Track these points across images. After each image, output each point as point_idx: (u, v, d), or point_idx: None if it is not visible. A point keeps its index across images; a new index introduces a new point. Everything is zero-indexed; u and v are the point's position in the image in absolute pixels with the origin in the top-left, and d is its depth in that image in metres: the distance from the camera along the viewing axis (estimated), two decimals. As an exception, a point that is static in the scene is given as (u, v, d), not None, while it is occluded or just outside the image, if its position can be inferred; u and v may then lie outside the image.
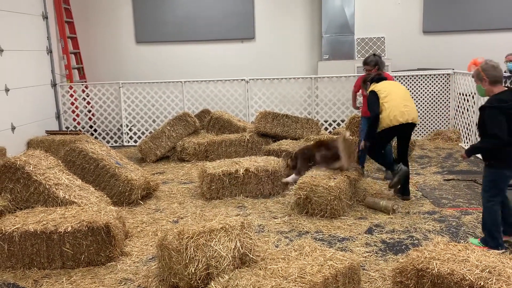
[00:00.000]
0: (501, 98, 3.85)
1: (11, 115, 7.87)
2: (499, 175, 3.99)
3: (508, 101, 3.82)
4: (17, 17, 8.15)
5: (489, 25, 9.94)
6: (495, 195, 4.03)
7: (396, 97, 5.29)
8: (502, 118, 3.80)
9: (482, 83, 3.98)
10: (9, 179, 4.90)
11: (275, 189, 5.88)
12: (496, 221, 4.04)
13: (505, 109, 3.80)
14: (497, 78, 3.90)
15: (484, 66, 3.96)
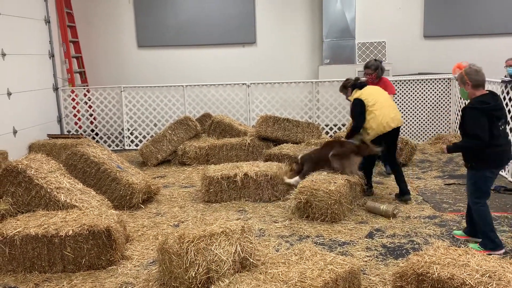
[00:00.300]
0: (483, 100, 3.95)
1: (13, 119, 7.90)
2: (480, 176, 4.06)
3: (490, 102, 3.92)
4: (19, 21, 8.20)
5: (490, 29, 9.96)
6: (480, 196, 4.11)
7: (384, 103, 5.47)
8: (483, 119, 3.88)
9: (465, 86, 4.08)
10: (11, 183, 4.92)
11: (274, 195, 5.84)
12: (487, 221, 4.11)
13: (487, 111, 3.89)
14: (479, 82, 4.01)
15: (468, 70, 4.06)
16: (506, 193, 5.78)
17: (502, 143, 4.01)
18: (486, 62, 9.26)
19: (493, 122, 3.92)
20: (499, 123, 3.96)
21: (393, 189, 6.12)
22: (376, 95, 5.53)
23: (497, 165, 4.09)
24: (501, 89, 6.69)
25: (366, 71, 6.29)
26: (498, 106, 3.95)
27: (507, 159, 4.17)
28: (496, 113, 3.93)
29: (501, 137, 3.99)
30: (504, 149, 4.05)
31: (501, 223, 4.86)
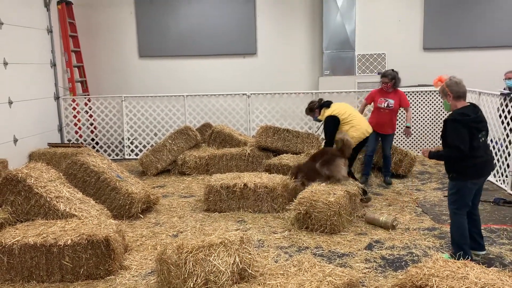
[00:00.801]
0: (464, 112, 4.01)
1: (13, 127, 7.92)
2: (461, 187, 4.09)
3: (471, 114, 3.98)
4: (22, 31, 8.27)
5: (489, 42, 10.02)
6: (460, 207, 4.13)
7: (356, 114, 5.95)
8: (464, 131, 3.94)
9: (447, 98, 4.16)
10: (10, 192, 4.92)
11: (273, 207, 5.79)
12: (463, 234, 4.13)
13: (467, 123, 3.95)
14: (459, 94, 4.09)
15: (448, 82, 4.15)
16: (506, 206, 5.78)
17: (482, 154, 4.04)
18: (485, 75, 9.45)
19: (473, 134, 3.97)
20: (479, 135, 4.01)
21: (392, 201, 6.13)
22: (345, 108, 5.98)
23: (478, 176, 4.10)
24: (500, 102, 6.72)
25: (382, 80, 6.66)
26: (478, 118, 4.00)
27: (488, 170, 4.21)
28: (477, 125, 3.98)
29: (481, 148, 4.03)
30: (485, 160, 4.08)
31: (500, 235, 4.85)
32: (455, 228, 4.17)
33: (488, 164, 4.16)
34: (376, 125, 6.64)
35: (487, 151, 4.13)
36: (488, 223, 5.22)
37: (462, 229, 4.13)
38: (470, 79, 8.76)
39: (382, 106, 6.71)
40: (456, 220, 4.16)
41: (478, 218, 4.34)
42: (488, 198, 6.02)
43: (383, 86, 6.73)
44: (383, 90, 6.78)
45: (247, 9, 10.32)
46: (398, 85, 6.75)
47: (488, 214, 5.53)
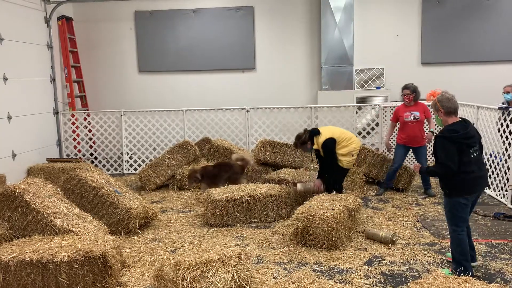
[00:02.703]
0: (453, 129, 4.02)
1: (12, 142, 7.92)
2: (455, 203, 4.09)
3: (460, 130, 3.99)
4: (22, 46, 8.32)
5: (486, 57, 10.09)
6: (457, 223, 4.11)
7: (346, 132, 6.03)
8: (452, 148, 3.95)
9: (438, 114, 4.18)
10: (7, 207, 4.90)
11: (279, 214, 5.95)
12: (463, 250, 4.10)
13: (456, 139, 3.96)
14: (451, 109, 4.11)
15: (440, 97, 4.16)
16: (506, 220, 5.75)
17: (474, 170, 4.02)
18: (483, 89, 9.50)
19: (463, 150, 3.96)
20: (471, 151, 4.00)
21: (392, 215, 6.09)
22: (334, 129, 6.07)
23: (470, 191, 4.07)
24: (498, 116, 6.74)
25: (404, 92, 6.83)
26: (468, 134, 3.99)
27: (481, 185, 4.18)
28: (466, 141, 3.97)
29: (473, 164, 4.01)
30: (476, 176, 4.05)
31: (501, 250, 4.81)
32: (455, 245, 4.15)
33: (482, 180, 4.14)
34: (407, 139, 6.82)
35: (481, 167, 4.11)
36: (489, 238, 5.18)
37: (462, 246, 4.11)
38: (468, 93, 8.87)
39: (409, 119, 6.83)
40: (455, 237, 4.14)
41: (469, 230, 4.33)
42: (488, 213, 5.99)
43: (405, 98, 6.89)
44: (405, 105, 6.94)
45: (246, 24, 10.42)
46: (418, 98, 6.92)
47: (489, 229, 5.50)
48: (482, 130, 7.13)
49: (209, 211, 5.84)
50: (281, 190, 6.08)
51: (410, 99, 6.83)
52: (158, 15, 10.47)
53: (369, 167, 7.47)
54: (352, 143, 5.89)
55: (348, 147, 5.85)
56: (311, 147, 5.98)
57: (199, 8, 10.41)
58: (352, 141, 5.91)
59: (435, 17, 10.13)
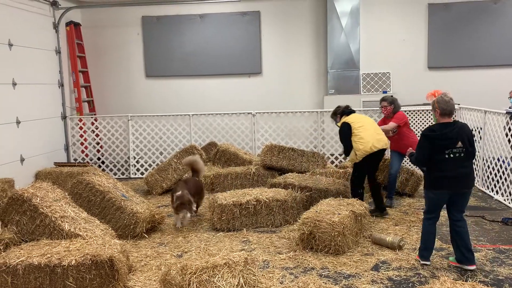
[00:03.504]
0: (432, 128, 4.37)
1: (21, 147, 8.00)
2: (426, 194, 4.54)
3: (437, 131, 4.30)
4: (31, 52, 8.42)
5: (493, 61, 10.04)
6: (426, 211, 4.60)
7: (369, 127, 5.96)
8: (425, 145, 4.33)
9: (434, 113, 4.41)
10: (16, 211, 4.94)
11: (285, 219, 5.97)
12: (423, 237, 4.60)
13: (431, 138, 4.30)
14: (445, 111, 4.33)
15: (439, 98, 4.39)
16: (514, 225, 5.71)
17: (444, 169, 4.29)
18: (490, 93, 9.45)
19: (436, 150, 4.27)
20: (446, 151, 4.25)
21: (399, 221, 6.07)
22: (362, 119, 6.09)
23: (437, 187, 4.38)
24: (506, 120, 6.70)
25: (382, 104, 6.78)
26: (444, 135, 4.24)
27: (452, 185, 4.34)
28: (441, 142, 4.25)
29: (446, 163, 4.27)
30: (446, 175, 4.30)
31: (509, 256, 4.77)
32: (423, 233, 4.62)
33: (454, 180, 4.32)
34: (397, 147, 6.75)
35: (457, 168, 4.29)
36: (497, 243, 5.14)
37: (424, 232, 4.59)
38: (474, 97, 8.85)
39: (390, 134, 6.67)
40: (423, 223, 4.64)
41: (462, 230, 4.45)
42: (496, 218, 5.95)
43: (383, 111, 6.79)
44: (385, 118, 6.87)
45: (252, 29, 10.46)
46: (398, 110, 6.77)
47: (497, 234, 5.46)
48: (490, 135, 7.09)
49: (216, 215, 5.85)
50: (287, 195, 6.08)
51: (388, 111, 6.70)
52: (165, 21, 10.55)
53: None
54: (360, 144, 5.83)
55: (355, 143, 5.87)
56: (337, 121, 6.27)
57: (206, 13, 10.47)
58: (363, 141, 5.82)
59: (442, 21, 10.11)
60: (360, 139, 5.85)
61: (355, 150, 5.90)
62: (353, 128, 5.92)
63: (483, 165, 7.47)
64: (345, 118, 6.09)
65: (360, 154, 5.87)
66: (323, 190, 6.41)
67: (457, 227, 4.45)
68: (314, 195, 6.39)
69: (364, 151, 5.83)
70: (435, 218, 4.56)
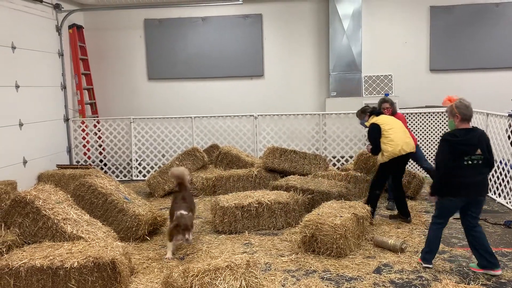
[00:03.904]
0: (454, 133, 4.29)
1: (23, 149, 8.02)
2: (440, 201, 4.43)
3: (459, 136, 4.23)
4: (34, 54, 8.46)
5: (495, 64, 10.03)
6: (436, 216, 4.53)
7: (399, 130, 5.92)
8: (446, 150, 4.25)
9: (454, 119, 4.34)
10: (19, 214, 4.96)
11: (287, 222, 5.96)
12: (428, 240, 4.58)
13: (453, 143, 4.22)
14: (466, 117, 4.29)
15: (458, 103, 4.31)
16: (517, 228, 5.70)
17: (463, 175, 4.22)
18: (493, 96, 9.44)
19: (457, 155, 4.20)
20: (465, 158, 4.19)
21: (401, 223, 6.06)
22: (391, 121, 6.03)
23: (454, 194, 4.30)
24: (508, 123, 6.69)
25: (384, 105, 6.77)
26: (465, 141, 4.19)
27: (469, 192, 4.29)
28: (462, 148, 4.19)
29: (465, 170, 4.21)
30: (466, 182, 4.24)
31: (511, 259, 4.76)
32: (429, 237, 4.57)
33: (471, 187, 4.27)
34: None
35: (475, 175, 4.25)
36: (499, 246, 5.13)
37: (430, 236, 4.55)
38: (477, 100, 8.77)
39: None
40: (430, 227, 4.59)
41: (480, 235, 4.39)
42: (498, 221, 5.94)
43: (386, 112, 6.75)
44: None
45: (254, 32, 10.48)
46: (396, 111, 6.87)
47: (499, 237, 5.44)
48: (492, 138, 7.08)
49: (218, 218, 5.86)
50: (289, 197, 6.08)
51: (389, 112, 6.71)
52: (168, 23, 10.58)
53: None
54: (389, 145, 5.78)
55: (384, 145, 5.82)
56: (364, 120, 6.23)
57: (208, 16, 10.50)
58: (392, 144, 5.78)
59: (444, 24, 10.11)
60: (390, 141, 5.81)
61: (383, 152, 5.86)
62: (383, 130, 5.87)
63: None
64: (374, 118, 6.03)
65: (387, 156, 5.83)
66: (325, 192, 6.41)
67: (474, 232, 4.38)
68: (316, 198, 6.39)
69: (392, 154, 5.79)
70: (444, 223, 4.53)
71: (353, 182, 7.21)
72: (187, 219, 4.92)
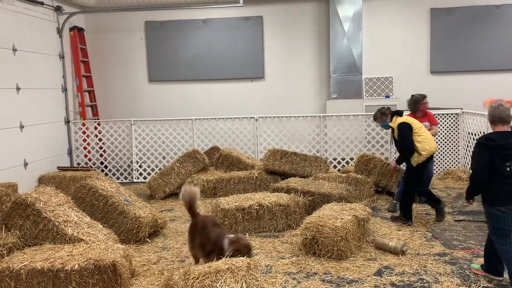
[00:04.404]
0: (490, 137, 4.07)
1: (24, 151, 8.02)
2: (488, 213, 4.14)
3: (496, 140, 4.00)
4: (35, 57, 8.47)
5: (496, 65, 10.04)
6: (496, 233, 4.11)
7: (424, 128, 5.99)
8: (483, 155, 4.00)
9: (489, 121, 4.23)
10: (19, 216, 4.96)
11: (288, 224, 5.96)
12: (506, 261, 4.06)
13: (491, 148, 3.98)
14: (494, 118, 4.12)
15: (495, 105, 4.15)
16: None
17: (507, 182, 3.97)
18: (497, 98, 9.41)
19: (496, 160, 3.95)
20: (507, 163, 3.95)
21: (402, 226, 6.04)
22: (415, 120, 6.08)
23: (501, 203, 4.01)
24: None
25: (424, 101, 6.84)
26: (505, 145, 3.95)
27: None
28: (502, 152, 3.95)
29: (507, 177, 3.95)
30: (509, 190, 3.98)
31: None
32: (502, 258, 4.12)
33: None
34: None
35: None
36: (500, 248, 5.12)
37: (504, 256, 4.06)
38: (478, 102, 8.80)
39: None
40: (499, 248, 4.11)
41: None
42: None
43: (423, 108, 6.87)
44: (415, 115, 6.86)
45: (255, 34, 10.49)
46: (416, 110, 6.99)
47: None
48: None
49: (218, 220, 5.85)
50: (290, 199, 6.08)
51: (426, 107, 6.88)
52: (168, 25, 10.60)
53: (379, 176, 7.45)
54: (426, 143, 5.83)
55: (420, 143, 5.82)
56: (387, 122, 6.15)
57: (209, 18, 10.52)
58: (426, 142, 5.84)
59: (444, 26, 10.12)
60: (424, 139, 5.83)
61: (420, 151, 5.81)
62: (414, 128, 5.87)
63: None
64: (399, 118, 6.02)
65: (425, 155, 5.81)
66: (326, 194, 6.40)
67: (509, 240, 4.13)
68: (317, 200, 6.38)
69: (429, 151, 5.81)
70: (508, 239, 4.05)
71: (354, 184, 7.20)
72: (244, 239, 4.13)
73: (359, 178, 7.29)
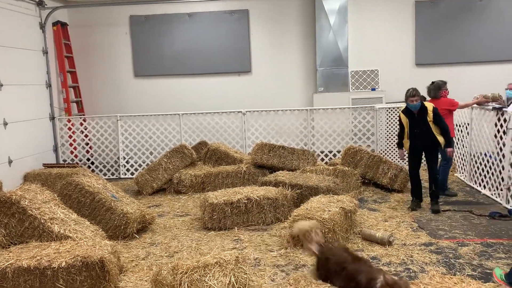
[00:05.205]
0: None
1: (8, 148, 7.91)
2: None
3: None
4: (17, 52, 8.33)
5: (481, 57, 10.18)
6: None
7: None
8: None
9: None
10: (4, 214, 4.89)
11: (276, 217, 5.99)
12: None
13: None
14: None
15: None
16: (501, 219, 5.79)
17: None
18: (477, 89, 9.49)
19: None
20: None
21: (388, 216, 6.12)
22: None
23: None
24: (497, 117, 6.67)
25: (445, 87, 7.08)
26: None
27: None
28: None
29: None
30: None
31: (496, 249, 4.85)
32: None
33: None
34: None
35: None
36: (484, 237, 5.22)
37: None
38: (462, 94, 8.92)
39: None
40: None
41: None
42: (483, 212, 6.03)
43: (444, 93, 7.05)
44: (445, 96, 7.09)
45: (241, 27, 10.46)
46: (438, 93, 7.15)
47: (484, 228, 5.53)
48: (476, 130, 7.19)
49: (207, 214, 5.86)
50: (278, 193, 6.10)
51: (447, 93, 7.07)
52: (153, 20, 10.50)
53: (365, 169, 7.52)
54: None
55: None
56: (416, 103, 6.24)
57: (194, 12, 10.45)
58: None
59: (429, 19, 10.21)
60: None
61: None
62: None
63: (470, 160, 7.57)
64: (428, 103, 6.36)
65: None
66: (313, 187, 6.44)
67: None
68: (305, 193, 6.42)
69: None
70: None
71: (341, 177, 7.25)
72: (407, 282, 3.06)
73: (346, 170, 7.35)
